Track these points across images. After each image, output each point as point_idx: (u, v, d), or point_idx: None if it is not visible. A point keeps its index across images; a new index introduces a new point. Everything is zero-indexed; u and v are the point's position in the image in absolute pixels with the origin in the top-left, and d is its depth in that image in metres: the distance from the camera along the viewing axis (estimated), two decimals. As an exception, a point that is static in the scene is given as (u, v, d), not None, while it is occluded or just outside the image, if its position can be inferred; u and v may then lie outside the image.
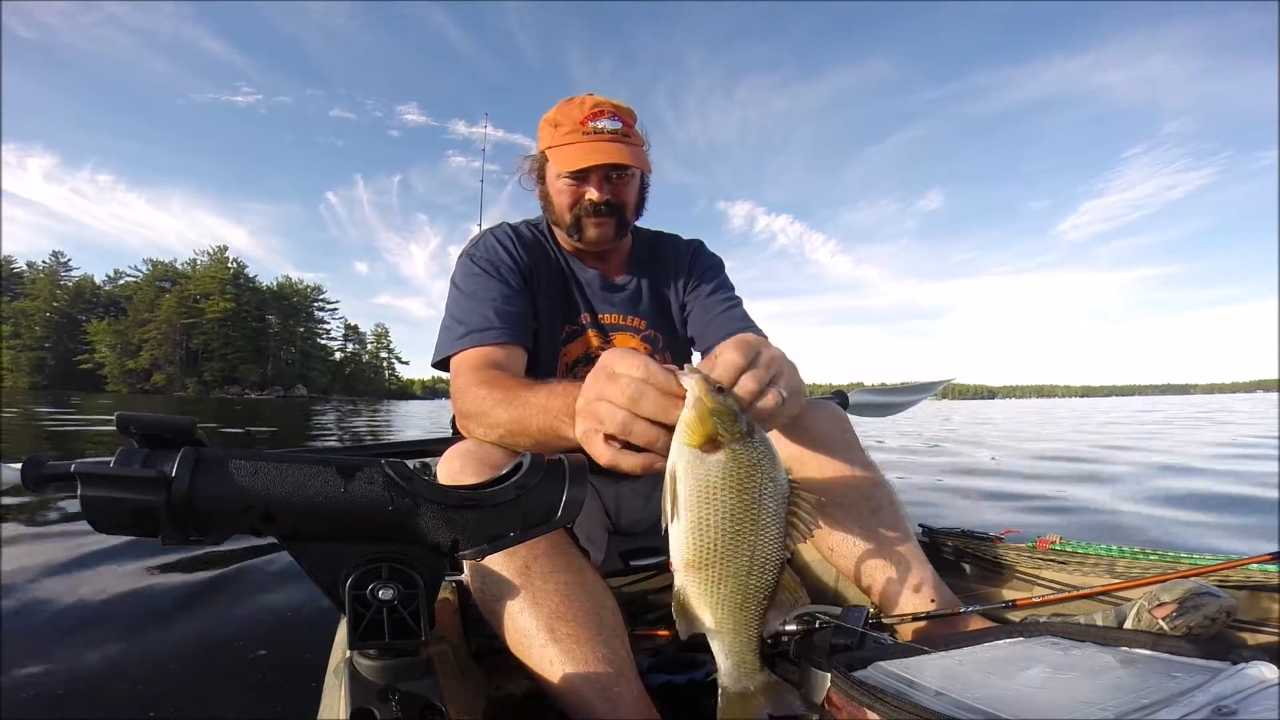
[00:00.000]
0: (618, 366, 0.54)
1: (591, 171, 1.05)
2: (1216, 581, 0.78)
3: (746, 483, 0.49)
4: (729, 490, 0.48)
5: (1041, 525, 2.73)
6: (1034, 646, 0.62)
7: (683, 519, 0.49)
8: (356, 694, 0.47)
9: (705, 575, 0.50)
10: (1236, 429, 9.42)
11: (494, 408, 0.80)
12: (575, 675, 0.69)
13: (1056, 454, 6.03)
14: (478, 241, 1.15)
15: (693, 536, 0.49)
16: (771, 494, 0.50)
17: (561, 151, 1.05)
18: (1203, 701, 0.46)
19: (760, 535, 0.49)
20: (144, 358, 71.25)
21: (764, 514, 0.49)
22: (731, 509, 0.48)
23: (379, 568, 0.48)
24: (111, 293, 78.87)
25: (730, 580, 0.50)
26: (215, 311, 72.68)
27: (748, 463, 0.48)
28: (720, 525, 0.48)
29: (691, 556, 0.50)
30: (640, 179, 1.15)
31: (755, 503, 0.49)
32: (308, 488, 0.46)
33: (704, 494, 0.48)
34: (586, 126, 1.03)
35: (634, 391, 0.51)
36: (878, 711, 0.50)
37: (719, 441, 0.48)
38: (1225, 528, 2.70)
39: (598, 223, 1.09)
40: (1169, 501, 3.34)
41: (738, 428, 0.49)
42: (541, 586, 0.73)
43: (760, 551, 0.50)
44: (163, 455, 0.45)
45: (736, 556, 0.49)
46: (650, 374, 0.52)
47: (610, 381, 0.53)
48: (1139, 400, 70.94)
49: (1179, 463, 5.12)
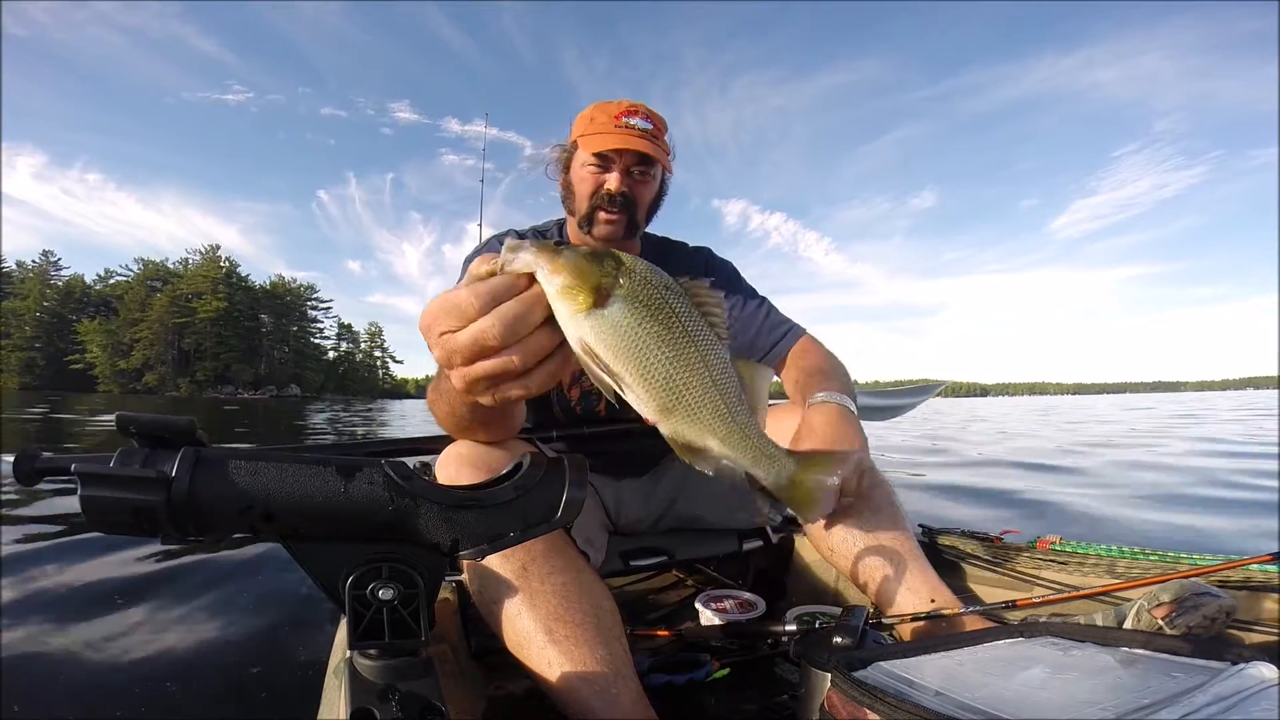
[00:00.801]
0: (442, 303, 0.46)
1: (616, 159, 1.08)
2: (1216, 581, 0.78)
3: (657, 311, 0.46)
4: (647, 328, 0.45)
5: (1025, 522, 2.74)
6: (1034, 646, 0.62)
7: (627, 379, 0.46)
8: (356, 694, 0.47)
9: (682, 412, 0.48)
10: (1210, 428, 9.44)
11: (435, 401, 0.77)
12: (573, 676, 0.69)
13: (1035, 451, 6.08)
14: (483, 248, 1.17)
15: (647, 388, 0.47)
16: (682, 304, 0.47)
17: (592, 138, 1.08)
18: (1203, 701, 0.46)
19: (700, 346, 0.48)
20: (136, 358, 71.02)
21: (691, 325, 0.47)
22: (662, 342, 0.46)
23: (379, 568, 0.48)
24: (102, 292, 78.54)
25: (705, 402, 0.49)
26: (208, 311, 72.48)
27: (644, 293, 0.46)
28: (663, 363, 0.46)
29: (659, 404, 0.48)
30: (659, 184, 1.17)
31: (676, 322, 0.46)
32: (308, 488, 0.46)
33: (629, 346, 0.45)
34: (620, 121, 1.08)
35: (466, 307, 0.44)
36: (878, 711, 0.50)
37: (605, 290, 0.44)
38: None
39: (609, 217, 1.10)
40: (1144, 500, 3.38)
41: (609, 267, 0.45)
42: (539, 588, 0.73)
43: (711, 359, 0.48)
44: (163, 455, 0.45)
45: (696, 378, 0.48)
46: (477, 285, 0.44)
47: (442, 311, 0.45)
48: (1129, 397, 71.07)
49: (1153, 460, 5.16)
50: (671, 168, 1.15)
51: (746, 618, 1.07)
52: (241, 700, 1.20)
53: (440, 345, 0.46)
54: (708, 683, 0.92)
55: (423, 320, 0.47)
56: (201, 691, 1.23)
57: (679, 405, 0.48)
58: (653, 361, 0.46)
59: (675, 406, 0.48)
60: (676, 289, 0.47)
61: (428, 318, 0.46)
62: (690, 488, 1.20)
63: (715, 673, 0.93)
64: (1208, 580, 0.76)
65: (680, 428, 0.49)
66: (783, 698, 0.91)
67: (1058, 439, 7.90)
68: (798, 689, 0.68)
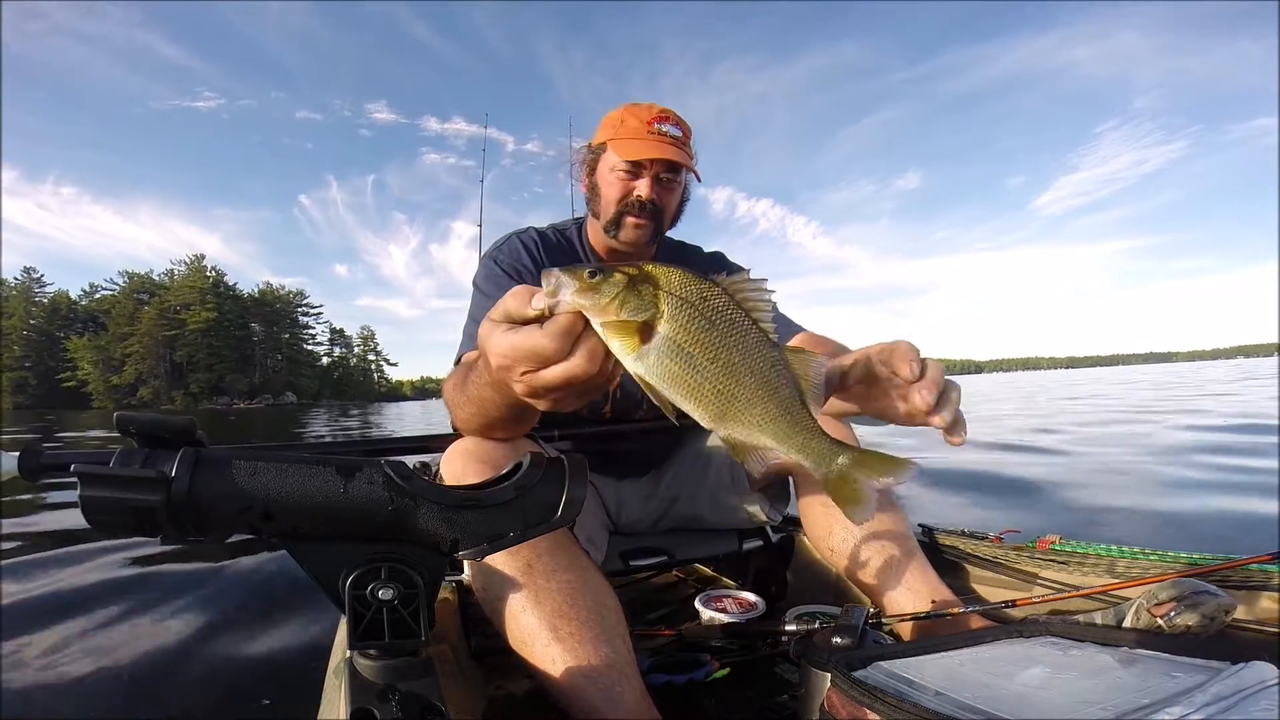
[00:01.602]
0: (488, 346, 0.52)
1: (647, 167, 1.08)
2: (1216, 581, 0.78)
3: (700, 329, 0.47)
4: (692, 350, 0.47)
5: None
6: (1034, 646, 0.62)
7: (681, 401, 0.48)
8: (356, 694, 0.47)
9: (733, 418, 0.49)
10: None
11: (461, 403, 0.75)
12: (577, 675, 0.69)
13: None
14: (502, 245, 1.16)
15: (699, 404, 0.48)
16: (724, 310, 0.48)
17: (624, 143, 1.08)
18: (1202, 701, 0.46)
19: (747, 350, 0.48)
20: (128, 372, 70.27)
21: (736, 331, 0.48)
22: (708, 358, 0.47)
23: (379, 568, 0.48)
24: (89, 307, 77.85)
25: (755, 404, 0.49)
26: (197, 322, 71.82)
27: (684, 315, 0.47)
28: (712, 377, 0.48)
29: (711, 415, 0.49)
30: (682, 191, 1.17)
31: (720, 332, 0.48)
32: (307, 487, 0.46)
33: (677, 375, 0.47)
34: (652, 127, 1.08)
35: (548, 352, 0.48)
36: (878, 711, 0.50)
37: (651, 324, 0.46)
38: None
39: (638, 223, 1.10)
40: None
41: (647, 296, 0.47)
42: (544, 586, 0.73)
43: (758, 360, 0.49)
44: (162, 455, 0.45)
45: (745, 384, 0.48)
46: (551, 331, 0.47)
47: (522, 358, 0.49)
48: (1123, 370, 70.59)
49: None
50: (700, 175, 1.15)
51: (746, 618, 1.07)
52: (241, 700, 1.20)
53: (524, 383, 0.51)
54: (708, 683, 0.92)
55: (497, 362, 0.51)
56: (202, 691, 1.23)
57: (730, 412, 0.49)
58: (702, 379, 0.48)
59: (727, 414, 0.49)
60: (715, 294, 0.48)
61: (505, 360, 0.50)
62: (690, 488, 1.20)
63: (715, 673, 0.93)
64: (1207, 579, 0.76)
65: (733, 431, 0.50)
66: (783, 698, 0.91)
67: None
68: (798, 689, 0.68)
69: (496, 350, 0.50)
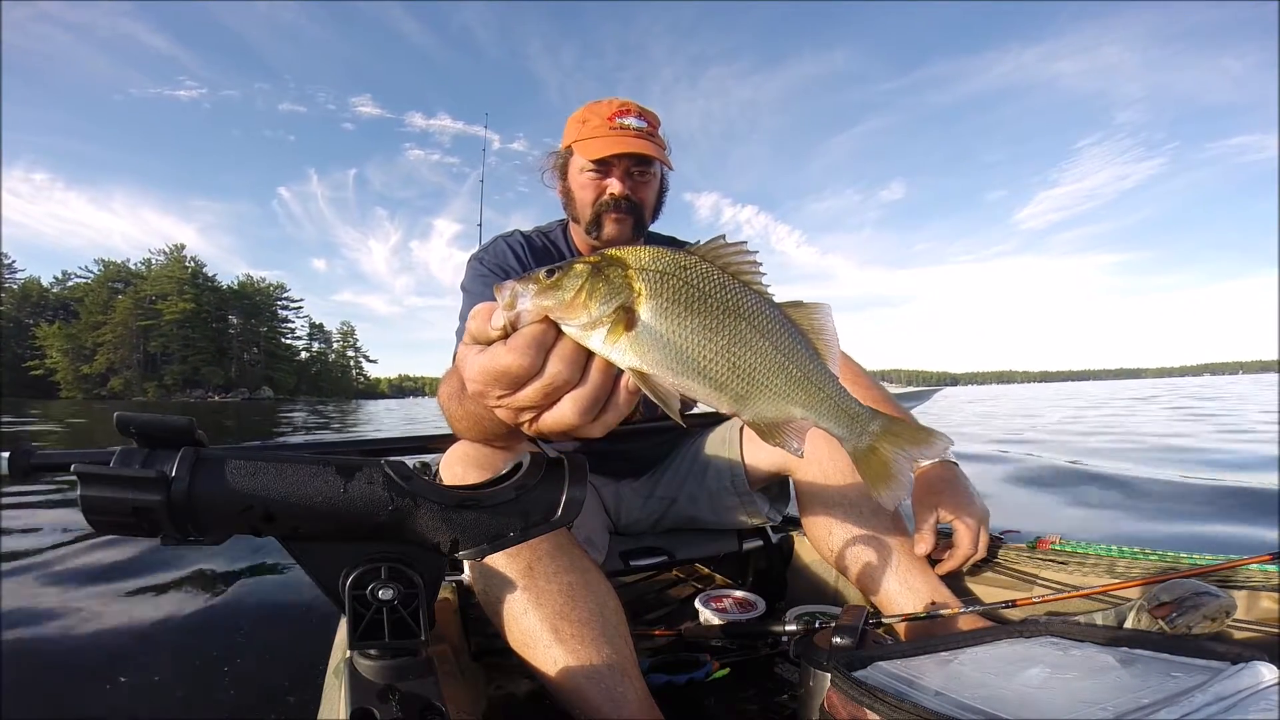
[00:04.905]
0: (465, 372, 0.44)
1: (615, 164, 1.07)
2: (1216, 581, 0.78)
3: (689, 301, 0.41)
4: (687, 326, 0.41)
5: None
6: (1034, 646, 0.62)
7: (692, 384, 0.42)
8: (356, 694, 0.47)
9: (757, 395, 0.43)
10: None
11: (457, 414, 0.71)
12: (579, 675, 0.69)
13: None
14: (487, 247, 1.16)
15: (713, 388, 0.42)
16: (710, 278, 0.42)
17: (587, 143, 1.07)
18: (1202, 701, 0.46)
19: (750, 316, 0.42)
20: (100, 362, 68.56)
21: (730, 298, 0.42)
22: (708, 333, 0.41)
23: (379, 568, 0.48)
24: (61, 295, 76.20)
25: (776, 375, 0.43)
26: (174, 313, 70.14)
27: (667, 288, 0.41)
28: (724, 350, 0.42)
29: (731, 397, 0.43)
30: (660, 182, 1.16)
31: (714, 302, 0.42)
32: (307, 487, 0.46)
33: (676, 358, 0.41)
34: (613, 122, 1.06)
35: (516, 371, 0.40)
36: (878, 711, 0.50)
37: (631, 309, 0.40)
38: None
39: (617, 219, 1.09)
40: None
41: (618, 280, 0.41)
42: (545, 587, 0.73)
43: (764, 325, 0.43)
44: (162, 455, 0.45)
45: (762, 348, 0.43)
46: (516, 345, 0.40)
47: (491, 381, 0.42)
48: (1091, 385, 70.56)
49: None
50: (671, 163, 1.15)
51: (746, 617, 1.07)
52: (241, 700, 1.20)
53: (504, 407, 0.44)
54: (708, 683, 0.92)
55: (471, 389, 0.44)
56: (202, 691, 1.23)
57: (752, 389, 0.43)
58: (709, 354, 0.42)
59: (749, 392, 0.43)
60: (694, 264, 0.42)
61: (477, 386, 0.43)
62: (690, 488, 1.20)
63: (715, 673, 0.93)
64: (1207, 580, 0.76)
65: (760, 410, 0.44)
66: (783, 698, 0.91)
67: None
68: (798, 689, 0.68)
69: (468, 376, 0.44)
